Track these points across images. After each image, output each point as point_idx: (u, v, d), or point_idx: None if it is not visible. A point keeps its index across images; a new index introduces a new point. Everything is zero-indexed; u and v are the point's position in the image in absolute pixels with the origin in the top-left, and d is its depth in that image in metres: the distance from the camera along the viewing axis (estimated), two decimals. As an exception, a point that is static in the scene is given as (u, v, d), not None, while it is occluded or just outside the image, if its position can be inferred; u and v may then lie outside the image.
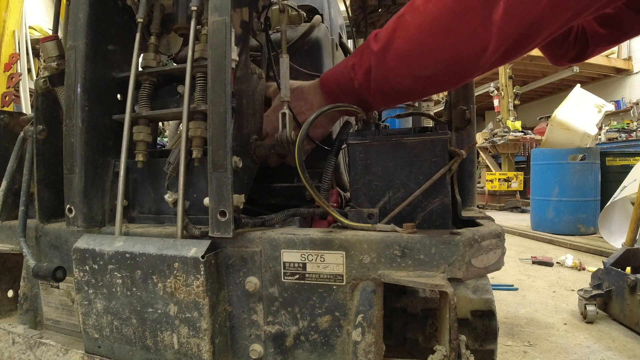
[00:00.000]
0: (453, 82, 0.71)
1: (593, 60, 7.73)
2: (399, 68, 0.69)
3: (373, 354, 0.59)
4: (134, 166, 0.76)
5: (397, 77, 0.70)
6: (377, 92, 0.73)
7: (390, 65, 0.69)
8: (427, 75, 0.68)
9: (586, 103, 4.26)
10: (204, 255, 0.61)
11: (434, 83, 0.69)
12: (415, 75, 0.68)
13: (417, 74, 0.68)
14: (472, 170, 0.94)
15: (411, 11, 0.67)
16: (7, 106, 3.10)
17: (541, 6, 0.57)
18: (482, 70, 0.66)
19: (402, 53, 0.67)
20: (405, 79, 0.70)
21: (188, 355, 0.63)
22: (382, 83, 0.71)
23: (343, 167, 1.02)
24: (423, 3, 0.65)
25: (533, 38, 0.62)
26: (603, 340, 1.64)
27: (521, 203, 6.35)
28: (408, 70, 0.68)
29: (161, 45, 0.86)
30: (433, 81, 0.69)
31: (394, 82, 0.70)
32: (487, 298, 0.75)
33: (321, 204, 0.67)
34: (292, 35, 1.04)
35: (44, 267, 0.70)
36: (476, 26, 0.60)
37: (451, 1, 0.62)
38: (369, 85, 0.72)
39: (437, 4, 0.63)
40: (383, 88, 0.72)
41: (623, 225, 2.98)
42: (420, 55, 0.66)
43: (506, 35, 0.60)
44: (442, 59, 0.65)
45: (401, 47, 0.67)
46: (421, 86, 0.71)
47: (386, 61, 0.69)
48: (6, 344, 0.78)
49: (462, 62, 0.65)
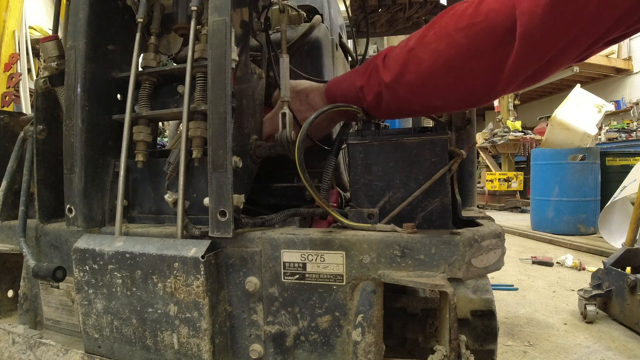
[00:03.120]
0: (462, 108, 0.81)
1: (593, 60, 7.73)
2: (410, 98, 0.72)
3: (373, 354, 0.59)
4: (134, 166, 0.76)
5: (407, 105, 0.74)
6: (387, 114, 0.78)
7: (401, 95, 0.72)
8: (437, 105, 0.74)
9: (586, 103, 4.26)
10: (204, 255, 0.61)
11: (442, 109, 0.79)
12: (426, 104, 0.73)
13: (428, 104, 0.73)
14: (472, 170, 0.94)
15: (423, 47, 0.68)
16: (7, 106, 3.10)
17: (555, 51, 0.58)
18: (491, 100, 0.71)
19: (413, 86, 0.70)
20: (416, 106, 0.75)
21: (188, 355, 0.63)
22: (392, 107, 0.75)
23: (343, 167, 1.02)
24: (435, 40, 0.66)
25: (544, 76, 0.64)
26: (603, 340, 1.64)
27: (521, 203, 6.35)
28: (419, 100, 0.72)
29: (161, 45, 0.86)
30: (441, 109, 0.78)
31: (404, 107, 0.75)
32: (487, 298, 0.75)
33: (321, 204, 0.67)
34: (292, 35, 1.04)
35: (44, 267, 0.70)
36: (488, 68, 0.63)
37: (465, 43, 0.63)
38: (380, 107, 0.75)
39: (450, 44, 0.64)
40: (392, 110, 0.76)
41: (623, 225, 2.98)
42: (432, 89, 0.69)
43: (517, 76, 0.62)
44: (453, 94, 0.69)
45: (412, 81, 0.69)
46: (430, 111, 0.82)
47: (397, 91, 0.71)
48: (6, 344, 0.78)
49: (472, 97, 0.69)
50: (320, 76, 1.02)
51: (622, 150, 4.62)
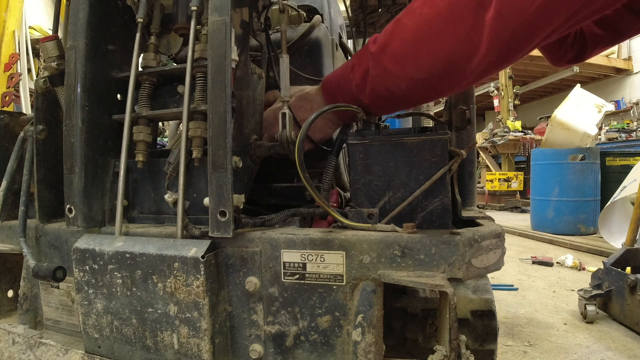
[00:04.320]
0: (447, 86, 0.71)
1: (593, 60, 7.73)
2: (394, 70, 0.70)
3: (373, 354, 0.59)
4: (134, 166, 0.76)
5: (392, 79, 0.70)
6: (372, 94, 0.73)
7: (386, 67, 0.70)
8: (422, 78, 0.69)
9: (586, 103, 4.26)
10: (204, 255, 0.61)
11: (428, 86, 0.70)
12: (410, 78, 0.69)
13: (412, 76, 0.69)
14: (472, 170, 0.94)
15: (409, 14, 0.68)
16: (7, 106, 3.09)
17: (532, 9, 0.57)
18: (476, 74, 0.66)
19: (398, 55, 0.69)
20: (400, 81, 0.70)
21: (188, 355, 0.63)
22: (378, 84, 0.72)
23: (343, 167, 1.02)
24: (420, 6, 0.67)
25: (525, 42, 0.62)
26: (603, 340, 1.64)
27: (521, 203, 6.35)
28: (403, 72, 0.69)
29: (161, 45, 0.86)
30: (427, 84, 0.69)
31: (389, 84, 0.71)
32: (487, 298, 0.75)
33: (321, 204, 0.67)
34: (292, 35, 1.04)
35: (44, 267, 0.70)
36: (469, 29, 0.62)
37: (445, 4, 0.63)
38: (365, 86, 0.73)
39: (432, 7, 0.64)
40: (378, 90, 0.72)
41: (623, 225, 2.98)
42: (415, 57, 0.68)
43: (498, 37, 0.61)
44: (436, 61, 0.66)
45: (397, 49, 0.69)
46: (415, 90, 0.71)
47: (382, 62, 0.70)
48: (6, 344, 0.78)
49: (455, 64, 0.66)
50: (320, 76, 1.02)
51: (622, 150, 4.62)
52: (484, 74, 0.67)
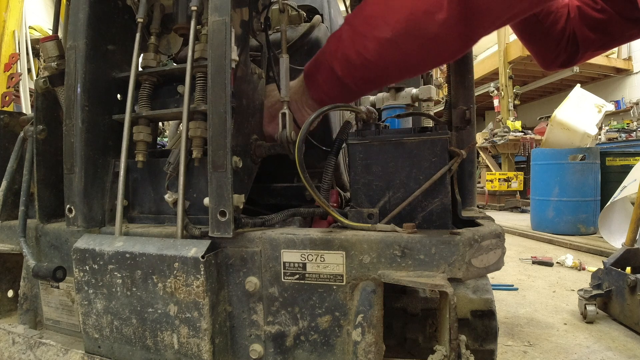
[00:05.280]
0: (413, 48, 0.70)
1: (593, 60, 7.72)
2: (364, 30, 0.72)
3: (373, 354, 0.59)
4: (134, 166, 0.76)
5: (361, 40, 0.72)
6: (345, 61, 0.74)
7: (357, 28, 0.73)
8: (387, 37, 0.69)
9: (586, 103, 4.25)
10: (204, 255, 0.61)
11: (395, 47, 0.70)
12: (377, 37, 0.70)
13: (379, 36, 0.70)
14: (472, 170, 0.94)
15: None
16: (7, 106, 3.09)
17: None
18: (442, 37, 0.67)
19: (368, 16, 0.72)
20: (369, 42, 0.71)
21: (188, 355, 0.63)
22: (349, 47, 0.73)
23: (343, 167, 1.02)
24: None
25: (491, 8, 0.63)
26: (603, 340, 1.64)
27: (521, 203, 6.34)
28: (371, 32, 0.71)
29: (161, 45, 0.86)
30: (393, 45, 0.70)
31: (359, 46, 0.72)
32: (487, 298, 0.75)
33: (321, 204, 0.67)
34: (292, 35, 1.04)
35: (44, 267, 0.70)
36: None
37: None
38: (337, 52, 0.74)
39: None
40: (349, 54, 0.73)
41: (623, 225, 2.98)
42: (382, 16, 0.70)
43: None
44: (400, 18, 0.68)
45: (368, 10, 0.72)
46: (383, 51, 0.71)
47: (354, 25, 0.73)
48: (6, 344, 0.78)
49: (418, 21, 0.67)
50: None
51: (622, 150, 4.62)
52: (450, 37, 0.67)
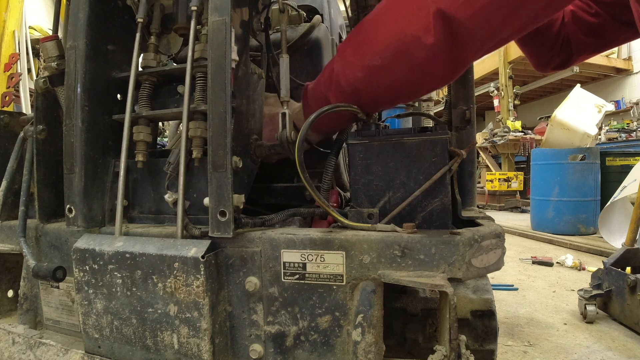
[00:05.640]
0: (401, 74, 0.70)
1: (593, 60, 7.72)
2: (353, 60, 0.73)
3: (373, 354, 0.59)
4: (134, 166, 0.76)
5: (351, 69, 0.73)
6: (337, 90, 0.75)
7: (348, 59, 0.74)
8: (376, 65, 0.70)
9: (586, 103, 4.25)
10: (204, 255, 0.61)
11: (384, 74, 0.70)
12: (366, 65, 0.71)
13: (368, 63, 0.71)
14: (472, 170, 0.94)
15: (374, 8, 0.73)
16: (7, 106, 3.09)
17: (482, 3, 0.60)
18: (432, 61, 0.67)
19: (357, 45, 0.73)
20: (358, 71, 0.72)
21: (188, 355, 0.63)
22: (341, 78, 0.74)
23: (343, 167, 1.02)
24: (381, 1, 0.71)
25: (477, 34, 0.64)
26: (603, 340, 1.64)
27: (521, 203, 6.34)
28: (360, 61, 0.72)
29: (161, 45, 0.86)
30: (382, 72, 0.70)
31: (350, 75, 0.73)
32: (487, 298, 0.75)
33: (321, 204, 0.67)
34: (292, 35, 1.04)
35: (44, 267, 0.70)
36: (416, 8, 0.65)
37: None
38: (331, 83, 0.76)
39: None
40: (341, 84, 0.74)
41: (623, 225, 2.98)
42: (370, 43, 0.70)
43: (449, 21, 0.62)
44: (388, 44, 0.68)
45: (356, 40, 0.73)
46: (372, 78, 0.72)
47: (345, 55, 0.74)
48: (6, 344, 0.78)
49: (405, 45, 0.67)
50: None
51: (622, 150, 4.61)
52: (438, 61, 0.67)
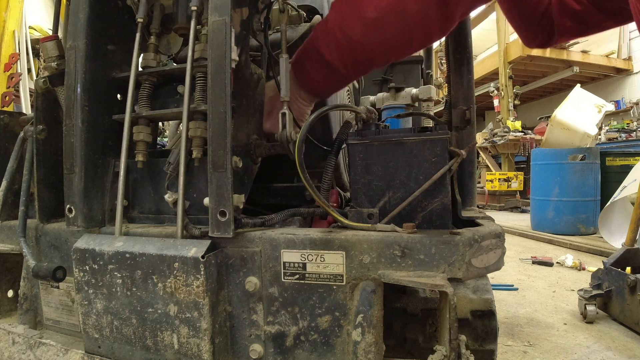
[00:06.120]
0: (397, 28, 0.73)
1: (593, 60, 7.73)
2: (349, 12, 0.74)
3: (373, 354, 0.59)
4: (134, 166, 0.76)
5: (347, 21, 0.74)
6: (332, 42, 0.77)
7: (342, 11, 0.75)
8: (372, 17, 0.72)
9: (586, 103, 4.25)
10: (204, 255, 0.61)
11: (379, 27, 0.73)
12: (362, 18, 0.73)
13: (364, 16, 0.73)
14: (472, 170, 0.94)
15: None
16: (7, 106, 3.09)
17: None
18: (423, 15, 0.69)
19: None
20: (354, 23, 0.74)
21: (188, 355, 0.63)
22: (335, 29, 0.75)
23: (343, 167, 1.02)
24: None
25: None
26: (603, 340, 1.64)
27: (521, 203, 6.34)
28: (357, 13, 0.73)
29: (161, 45, 0.86)
30: (378, 25, 0.73)
31: (345, 27, 0.75)
32: (487, 298, 0.75)
33: (321, 204, 0.67)
34: (292, 35, 1.04)
35: (44, 267, 0.70)
36: None
37: None
38: (325, 36, 0.77)
39: None
40: (336, 35, 0.76)
41: (623, 225, 2.98)
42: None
43: None
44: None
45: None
46: (368, 32, 0.74)
47: (340, 9, 0.76)
48: (6, 344, 0.78)
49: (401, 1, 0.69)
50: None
51: (622, 150, 4.61)
52: (429, 15, 0.69)
